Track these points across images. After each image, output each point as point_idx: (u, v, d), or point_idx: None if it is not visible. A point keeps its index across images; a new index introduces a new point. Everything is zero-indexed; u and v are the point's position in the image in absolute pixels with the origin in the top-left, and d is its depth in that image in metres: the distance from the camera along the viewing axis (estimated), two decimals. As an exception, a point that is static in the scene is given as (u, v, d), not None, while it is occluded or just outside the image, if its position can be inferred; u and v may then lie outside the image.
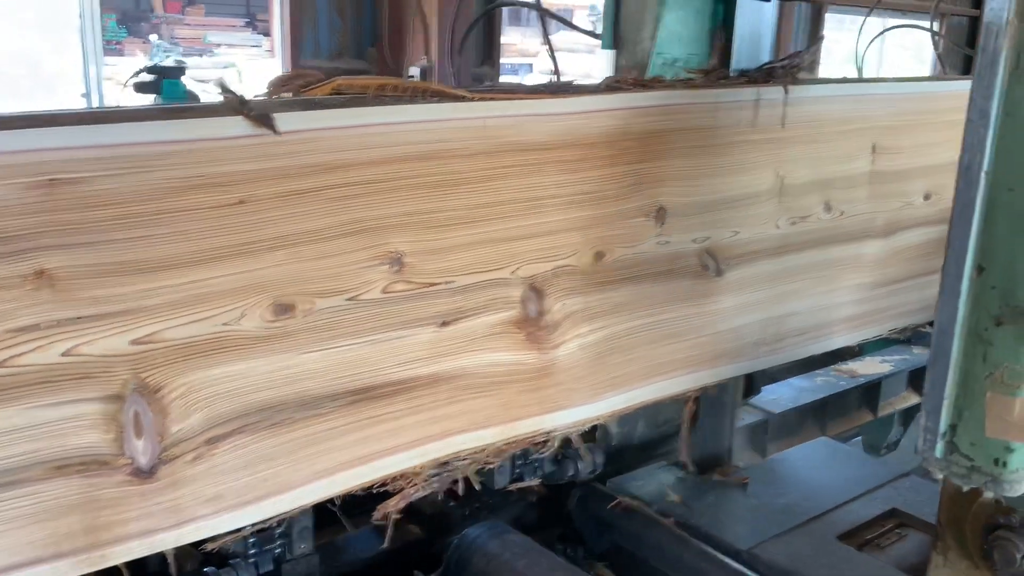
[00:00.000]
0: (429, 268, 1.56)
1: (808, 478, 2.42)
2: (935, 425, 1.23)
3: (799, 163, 2.13)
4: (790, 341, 2.26)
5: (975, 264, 1.19)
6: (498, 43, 8.46)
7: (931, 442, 1.24)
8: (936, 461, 1.25)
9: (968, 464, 1.22)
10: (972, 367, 1.20)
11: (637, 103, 1.78)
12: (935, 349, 1.23)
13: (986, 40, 1.09)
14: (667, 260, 1.93)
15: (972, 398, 1.20)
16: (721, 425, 2.49)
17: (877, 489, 2.34)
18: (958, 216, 1.18)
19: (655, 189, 1.87)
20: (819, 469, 2.49)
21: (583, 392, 1.85)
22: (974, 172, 1.14)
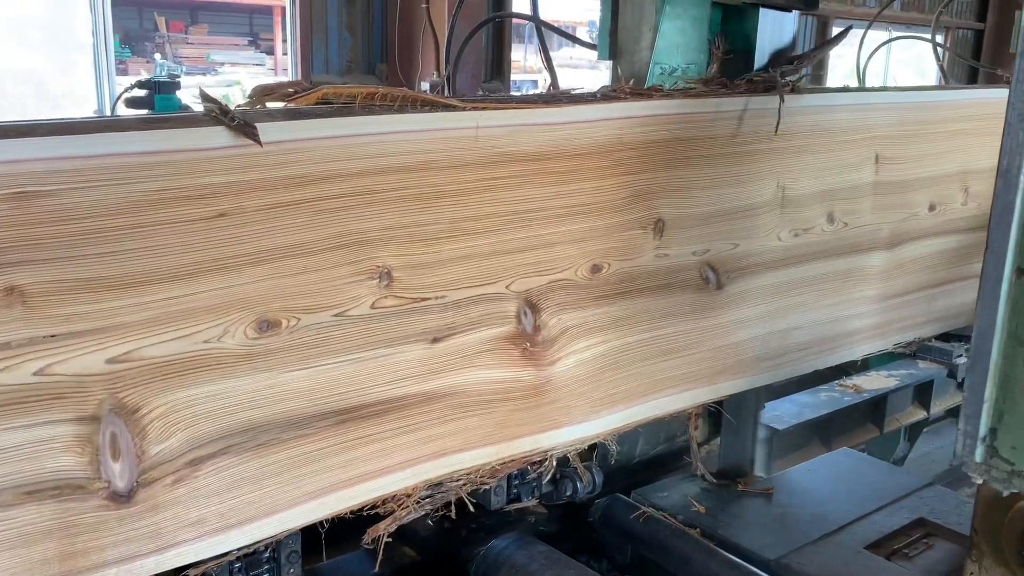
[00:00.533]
0: (419, 283, 1.51)
1: (832, 488, 2.41)
2: (974, 429, 1.21)
3: (801, 174, 2.08)
4: (793, 356, 2.20)
5: (1015, 266, 1.16)
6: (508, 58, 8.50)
7: (970, 446, 1.21)
8: (976, 465, 1.22)
9: (1008, 468, 1.19)
10: (1012, 370, 1.17)
11: (633, 113, 1.74)
12: (974, 352, 1.20)
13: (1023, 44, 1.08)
14: (666, 273, 1.88)
15: (1012, 401, 1.18)
16: (743, 436, 2.47)
17: (902, 499, 2.33)
18: (997, 219, 1.17)
19: (653, 200, 1.82)
20: (842, 479, 2.47)
21: (581, 409, 1.80)
22: (1013, 175, 1.14)
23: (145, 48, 17.51)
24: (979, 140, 2.55)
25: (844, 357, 2.35)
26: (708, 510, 2.23)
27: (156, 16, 17.83)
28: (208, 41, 18.12)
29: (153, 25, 18.42)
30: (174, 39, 18.08)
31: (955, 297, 2.62)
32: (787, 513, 2.27)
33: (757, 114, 1.95)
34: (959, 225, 2.56)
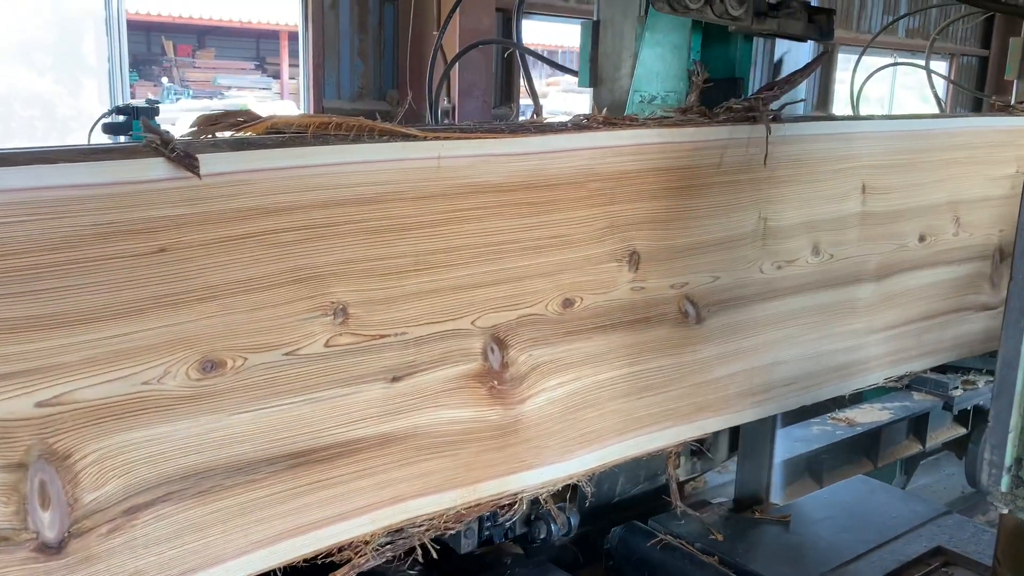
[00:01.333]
0: (377, 319, 1.43)
1: (849, 516, 2.39)
2: (1000, 459, 1.21)
3: (784, 204, 2.01)
4: (778, 391, 2.12)
5: None
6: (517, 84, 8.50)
7: (996, 476, 1.21)
8: (1001, 496, 1.21)
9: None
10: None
11: (606, 143, 1.67)
12: (999, 382, 1.20)
13: None
14: (643, 307, 1.81)
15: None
16: (759, 463, 2.46)
17: (920, 527, 2.31)
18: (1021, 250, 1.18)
19: (628, 232, 1.75)
20: (859, 507, 2.45)
21: (553, 450, 1.72)
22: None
23: (152, 72, 17.59)
24: (970, 169, 2.48)
25: (832, 392, 2.27)
26: (725, 538, 2.21)
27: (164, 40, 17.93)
28: (215, 65, 18.20)
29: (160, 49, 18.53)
30: (181, 63, 18.16)
31: (948, 330, 2.54)
32: (805, 541, 2.25)
33: (737, 143, 1.88)
34: (951, 256, 2.48)
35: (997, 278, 2.66)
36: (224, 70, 18.06)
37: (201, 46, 18.86)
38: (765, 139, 1.90)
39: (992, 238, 2.61)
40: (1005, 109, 2.70)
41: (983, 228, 2.56)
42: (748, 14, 1.96)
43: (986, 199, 2.55)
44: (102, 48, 8.70)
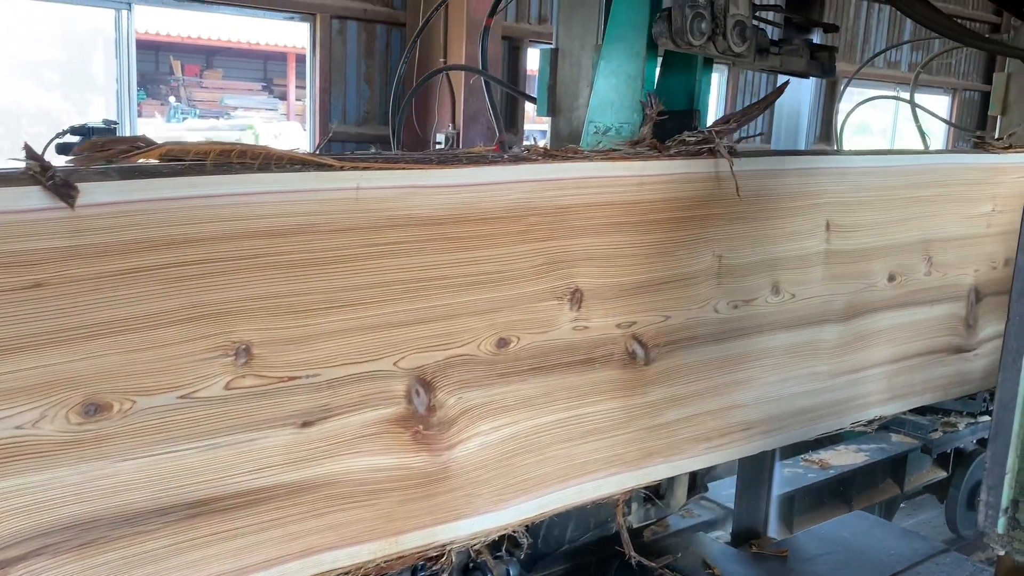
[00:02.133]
0: (285, 360, 1.33)
1: (846, 552, 2.36)
2: (996, 500, 1.21)
3: (740, 242, 1.91)
4: (736, 436, 2.01)
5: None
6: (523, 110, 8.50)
7: (992, 518, 1.21)
8: (998, 537, 1.21)
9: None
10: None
11: (545, 175, 1.58)
12: (996, 423, 1.20)
13: None
14: (586, 347, 1.71)
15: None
16: (757, 498, 2.46)
17: (918, 565, 2.30)
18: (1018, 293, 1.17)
19: (570, 269, 1.66)
20: (856, 543, 2.42)
21: (486, 498, 1.61)
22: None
23: (160, 91, 17.64)
24: (943, 207, 2.39)
25: (796, 438, 2.16)
26: (723, 572, 2.20)
27: (172, 60, 18.01)
28: (222, 85, 18.26)
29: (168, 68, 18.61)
30: (189, 83, 18.23)
31: (919, 373, 2.43)
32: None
33: (689, 178, 1.80)
34: (922, 297, 2.38)
35: (972, 320, 2.56)
36: (231, 90, 18.12)
37: (209, 66, 18.93)
38: (717, 173, 1.81)
39: (966, 278, 2.51)
40: (981, 145, 2.61)
41: (957, 268, 2.47)
42: (751, 51, 1.94)
43: (960, 238, 2.46)
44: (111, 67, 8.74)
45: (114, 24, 8.02)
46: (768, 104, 1.88)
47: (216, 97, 17.84)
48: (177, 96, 17.50)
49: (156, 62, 18.45)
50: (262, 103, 17.94)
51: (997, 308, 2.64)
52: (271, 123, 16.62)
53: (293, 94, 16.85)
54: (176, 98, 17.39)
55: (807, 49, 2.13)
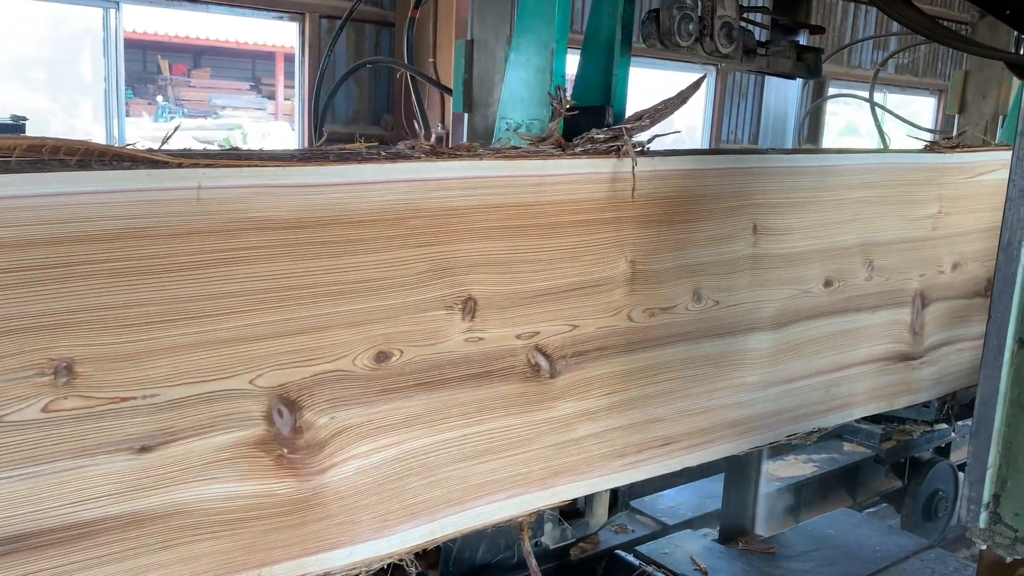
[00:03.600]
0: (117, 379, 1.19)
1: (833, 549, 2.36)
2: (978, 495, 1.21)
3: (656, 246, 1.78)
4: (655, 452, 1.87)
5: (1016, 337, 1.16)
6: None
7: (974, 512, 1.21)
8: (979, 531, 1.22)
9: (1012, 535, 1.19)
10: (1015, 438, 1.19)
11: (427, 175, 1.44)
12: (978, 419, 1.21)
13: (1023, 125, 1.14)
14: (482, 360, 1.57)
15: (1016, 468, 1.19)
16: (744, 495, 2.46)
17: (903, 561, 2.30)
18: (999, 291, 1.18)
19: (461, 276, 1.52)
20: (843, 540, 2.42)
21: (368, 525, 1.47)
22: (1014, 248, 1.16)
23: (147, 90, 17.44)
24: (885, 209, 2.26)
25: (725, 452, 2.02)
26: (710, 568, 2.19)
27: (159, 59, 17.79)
28: (210, 85, 18.05)
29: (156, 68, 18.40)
30: (177, 82, 18.02)
31: (861, 383, 2.30)
32: (789, 573, 2.23)
33: (596, 178, 1.66)
34: (862, 303, 2.25)
35: (919, 326, 2.43)
36: (219, 90, 17.92)
37: (197, 66, 18.73)
38: (632, 173, 1.67)
39: (911, 283, 2.38)
40: (931, 145, 2.48)
41: (901, 272, 2.34)
42: (738, 52, 1.94)
43: (904, 241, 2.33)
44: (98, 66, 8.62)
45: (102, 23, 7.91)
46: (684, 99, 1.75)
47: (204, 96, 17.63)
48: (165, 96, 17.30)
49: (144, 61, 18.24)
50: (250, 103, 17.76)
51: (945, 314, 2.51)
52: (259, 123, 16.47)
53: (281, 94, 16.70)
54: (164, 98, 17.19)
55: (793, 50, 2.13)
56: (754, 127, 11.16)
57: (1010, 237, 1.15)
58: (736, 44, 1.90)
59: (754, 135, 11.14)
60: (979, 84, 3.53)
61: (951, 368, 2.58)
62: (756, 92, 10.97)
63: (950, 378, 2.59)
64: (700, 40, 1.82)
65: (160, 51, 17.50)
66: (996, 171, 2.53)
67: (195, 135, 15.18)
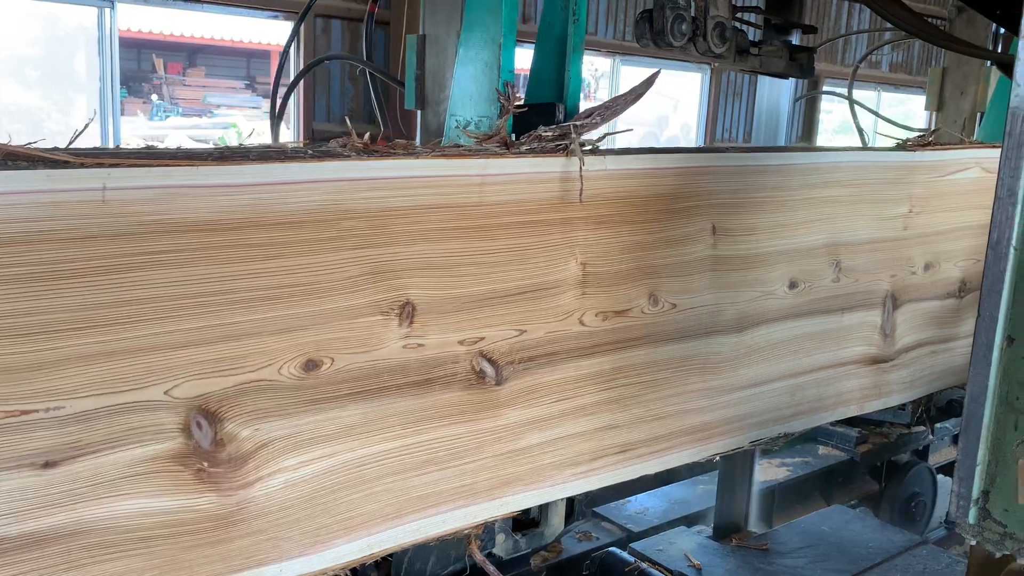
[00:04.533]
0: (16, 391, 1.12)
1: (826, 545, 2.38)
2: (967, 491, 1.22)
3: (608, 248, 1.71)
4: (611, 460, 1.80)
5: (1005, 335, 1.18)
6: None
7: (964, 508, 1.23)
8: (969, 527, 1.23)
9: (1001, 530, 1.20)
10: (1004, 434, 1.20)
11: (358, 174, 1.37)
12: (967, 416, 1.22)
13: (1012, 124, 1.14)
14: (421, 368, 1.50)
15: (1004, 465, 1.20)
16: (738, 492, 2.47)
17: (895, 557, 2.31)
18: (988, 289, 1.19)
19: (399, 280, 1.45)
20: (836, 536, 2.44)
21: (298, 540, 1.40)
22: (1003, 247, 1.16)
23: (142, 89, 17.34)
24: (853, 209, 2.19)
25: (684, 459, 1.95)
26: (704, 565, 2.20)
27: (154, 58, 17.68)
28: (205, 83, 17.93)
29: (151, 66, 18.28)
30: (171, 81, 17.91)
31: (828, 387, 2.23)
32: (782, 570, 2.23)
33: (543, 177, 1.59)
34: (830, 305, 2.18)
35: (889, 328, 2.36)
36: (214, 88, 17.80)
37: (192, 64, 18.61)
38: (579, 174, 1.60)
39: (881, 284, 2.31)
40: (901, 144, 2.41)
41: (870, 273, 2.27)
42: (731, 52, 1.94)
43: (873, 241, 2.26)
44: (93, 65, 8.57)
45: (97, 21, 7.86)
46: (637, 97, 1.68)
47: (199, 95, 17.53)
48: (160, 94, 17.20)
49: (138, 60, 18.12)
50: (245, 101, 17.66)
51: (917, 316, 2.44)
52: (254, 121, 16.40)
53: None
54: (159, 96, 17.09)
55: (786, 50, 2.14)
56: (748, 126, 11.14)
57: (999, 235, 1.15)
58: (729, 44, 1.91)
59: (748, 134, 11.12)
60: (957, 81, 3.46)
61: (924, 371, 2.51)
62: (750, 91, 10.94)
63: (923, 381, 2.52)
64: (693, 40, 1.83)
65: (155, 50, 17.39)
66: (969, 169, 2.47)
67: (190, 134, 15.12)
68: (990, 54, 2.80)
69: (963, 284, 2.56)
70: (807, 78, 2.27)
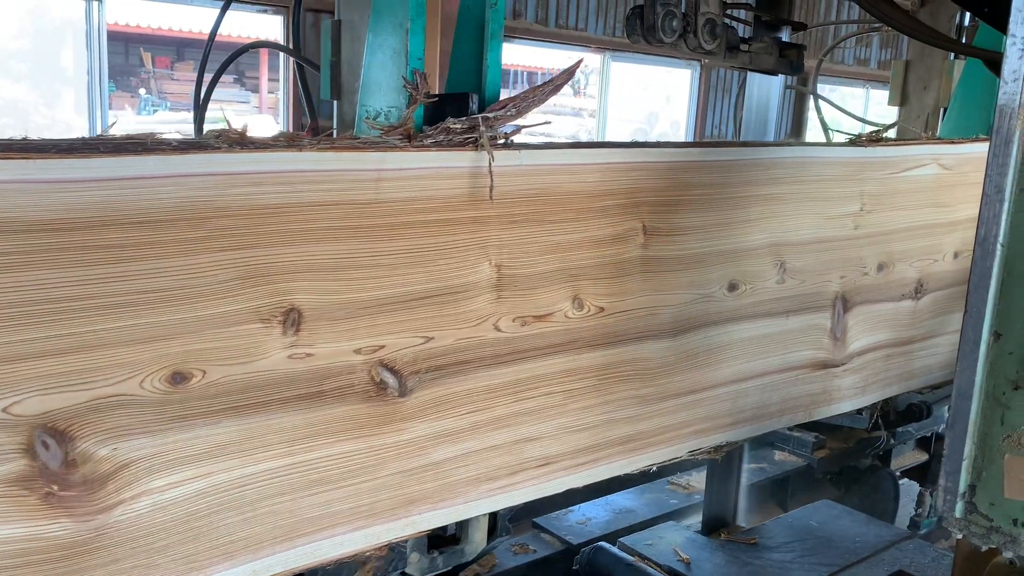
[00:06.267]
0: None
1: (814, 539, 2.38)
2: (954, 485, 1.23)
3: (526, 249, 1.58)
4: (532, 474, 1.68)
5: (992, 330, 1.19)
6: None
7: (951, 502, 1.24)
8: (955, 521, 1.24)
9: (987, 524, 1.22)
10: (990, 429, 1.21)
11: (230, 168, 1.24)
12: (954, 411, 1.23)
13: (1000, 121, 1.14)
14: (311, 379, 1.37)
15: (991, 459, 1.21)
16: (727, 487, 2.47)
17: (882, 551, 2.32)
18: (975, 285, 1.20)
19: (282, 284, 1.32)
20: (824, 530, 2.44)
21: (169, 568, 1.27)
22: (990, 243, 1.18)
23: (130, 83, 17.11)
24: (799, 207, 2.07)
25: (613, 471, 1.83)
26: (693, 559, 2.19)
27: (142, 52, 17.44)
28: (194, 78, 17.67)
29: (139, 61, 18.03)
30: (160, 75, 17.67)
31: (774, 393, 2.12)
32: (770, 564, 2.22)
33: (448, 173, 1.46)
34: (774, 308, 2.06)
35: (839, 331, 2.25)
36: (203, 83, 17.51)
37: (180, 58, 18.37)
38: (489, 168, 1.47)
39: (830, 285, 2.19)
40: (857, 139, 2.29)
41: (818, 274, 2.15)
42: (721, 48, 1.95)
43: (821, 241, 2.14)
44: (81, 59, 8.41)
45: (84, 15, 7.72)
46: (556, 87, 1.55)
47: (187, 89, 17.26)
48: (148, 88, 16.97)
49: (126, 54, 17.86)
50: (234, 96, 17.45)
51: (870, 318, 2.33)
52: (243, 116, 16.24)
53: (266, 87, 16.43)
54: (147, 90, 16.88)
55: (776, 47, 2.15)
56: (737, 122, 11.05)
57: (986, 232, 1.16)
58: (719, 40, 1.92)
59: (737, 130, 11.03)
60: (920, 75, 3.34)
61: (878, 376, 2.40)
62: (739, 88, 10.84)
63: (877, 386, 2.41)
64: (684, 36, 1.84)
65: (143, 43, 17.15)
66: (925, 166, 2.35)
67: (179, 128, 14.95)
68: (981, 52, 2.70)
69: (919, 285, 2.45)
70: (797, 75, 2.27)
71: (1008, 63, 1.11)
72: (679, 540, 2.30)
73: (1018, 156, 1.13)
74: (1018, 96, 1.12)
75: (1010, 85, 1.12)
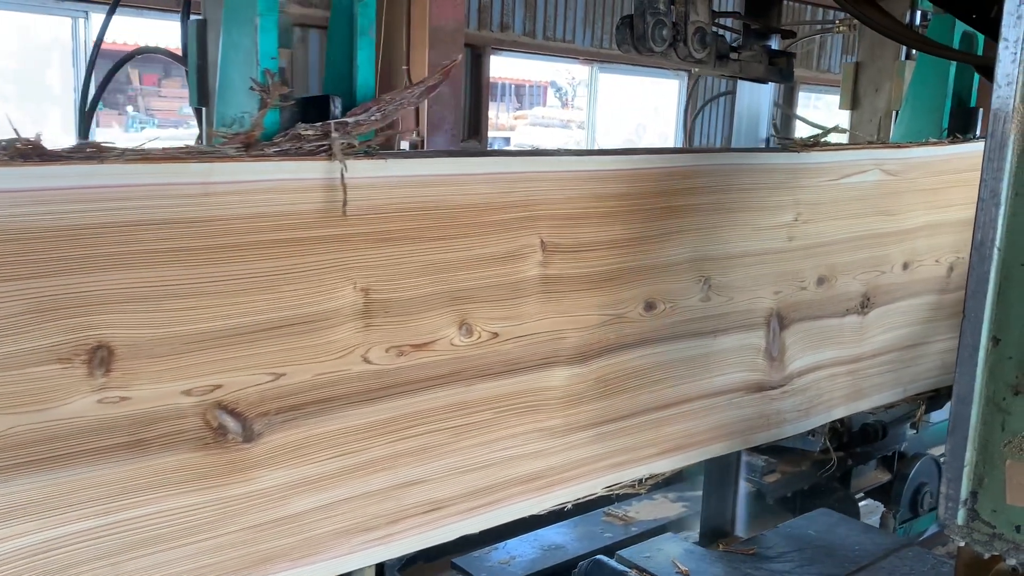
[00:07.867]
0: None
1: (813, 549, 2.32)
2: (956, 492, 1.21)
3: (401, 269, 1.39)
4: (417, 521, 1.48)
5: (991, 335, 1.16)
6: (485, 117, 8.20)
7: (952, 509, 1.21)
8: (957, 528, 1.22)
9: (990, 531, 1.19)
10: (991, 435, 1.18)
11: (9, 185, 1.05)
12: (954, 417, 1.20)
13: (994, 125, 1.11)
14: (129, 426, 1.17)
15: (992, 465, 1.19)
16: (724, 497, 2.45)
17: (881, 559, 2.27)
18: (973, 290, 1.16)
19: (84, 319, 1.12)
20: (822, 539, 2.37)
21: (-50, 653, 1.07)
22: (987, 248, 1.14)
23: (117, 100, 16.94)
24: (724, 218, 1.88)
25: (517, 512, 1.63)
26: (691, 571, 2.15)
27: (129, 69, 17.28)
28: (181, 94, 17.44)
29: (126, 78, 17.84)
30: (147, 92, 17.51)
31: (704, 419, 1.92)
32: (769, 574, 2.17)
33: (296, 186, 1.27)
34: (698, 327, 1.87)
35: (776, 351, 2.06)
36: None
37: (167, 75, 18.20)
38: (342, 180, 1.28)
39: (763, 302, 2.00)
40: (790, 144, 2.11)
41: (748, 290, 1.96)
42: (711, 57, 1.95)
43: (751, 254, 1.95)
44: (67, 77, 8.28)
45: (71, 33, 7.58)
46: (429, 89, 1.37)
47: (174, 106, 17.11)
48: (135, 105, 16.80)
49: (114, 72, 17.64)
50: (142, 105, 17.31)
51: (811, 335, 2.14)
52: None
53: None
54: (134, 107, 16.71)
55: (765, 55, 2.15)
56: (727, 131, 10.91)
57: (983, 237, 1.15)
58: (709, 49, 1.92)
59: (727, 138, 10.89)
60: (872, 77, 3.17)
61: (822, 396, 2.21)
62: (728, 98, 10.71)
63: (821, 407, 2.22)
64: (673, 45, 1.84)
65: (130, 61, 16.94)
66: (867, 172, 2.17)
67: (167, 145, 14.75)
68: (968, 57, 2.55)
69: (865, 299, 2.26)
70: (786, 83, 2.24)
71: (1001, 67, 1.09)
72: (677, 552, 2.24)
73: (1013, 160, 1.11)
74: (1012, 100, 1.10)
75: (1003, 89, 1.10)
